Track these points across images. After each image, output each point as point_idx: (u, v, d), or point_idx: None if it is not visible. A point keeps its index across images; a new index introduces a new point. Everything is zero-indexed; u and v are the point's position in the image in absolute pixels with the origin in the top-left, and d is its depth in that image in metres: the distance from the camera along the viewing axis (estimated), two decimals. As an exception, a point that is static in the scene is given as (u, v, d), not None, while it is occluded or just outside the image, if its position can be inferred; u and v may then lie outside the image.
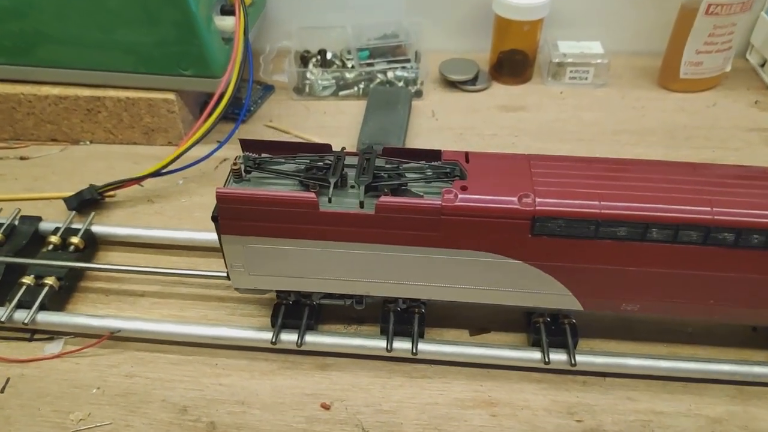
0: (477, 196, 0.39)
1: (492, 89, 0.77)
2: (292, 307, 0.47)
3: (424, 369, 0.47)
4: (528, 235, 0.40)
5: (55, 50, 0.62)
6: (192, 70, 0.61)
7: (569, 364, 0.44)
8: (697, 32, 0.70)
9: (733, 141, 0.68)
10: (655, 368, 0.45)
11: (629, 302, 0.43)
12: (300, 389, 0.45)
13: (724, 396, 0.45)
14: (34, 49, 0.61)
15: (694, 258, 0.40)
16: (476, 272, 0.42)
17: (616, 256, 0.40)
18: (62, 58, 0.62)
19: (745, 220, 0.38)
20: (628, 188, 0.40)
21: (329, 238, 0.41)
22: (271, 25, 0.80)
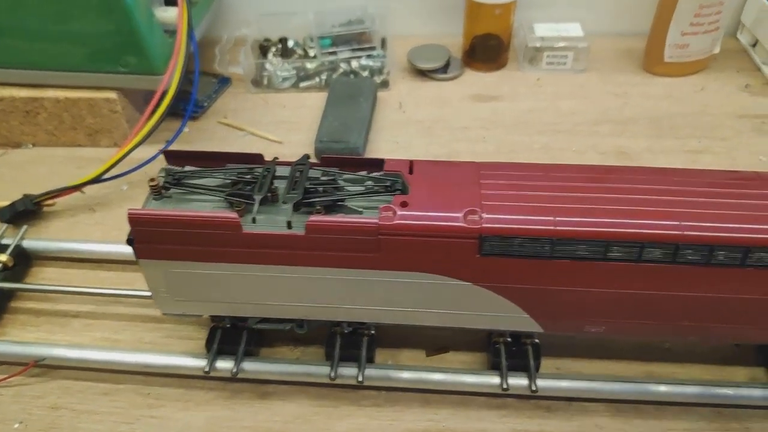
0: (418, 212, 0.35)
1: (465, 77, 0.72)
2: (229, 332, 0.43)
3: (375, 396, 0.43)
4: (476, 255, 0.35)
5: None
6: (132, 67, 0.56)
7: (531, 390, 0.40)
8: (681, 12, 0.65)
9: (721, 129, 0.63)
10: (625, 392, 0.41)
11: (593, 324, 0.39)
12: (237, 421, 0.42)
13: (701, 420, 0.41)
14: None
15: (662, 277, 0.35)
16: (421, 295, 0.37)
17: (576, 276, 0.36)
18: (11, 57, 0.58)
19: (716, 236, 0.34)
20: (588, 201, 0.35)
21: (256, 261, 0.37)
22: (228, 13, 0.75)
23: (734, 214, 0.34)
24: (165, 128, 0.59)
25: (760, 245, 0.34)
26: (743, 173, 0.38)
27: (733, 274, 0.35)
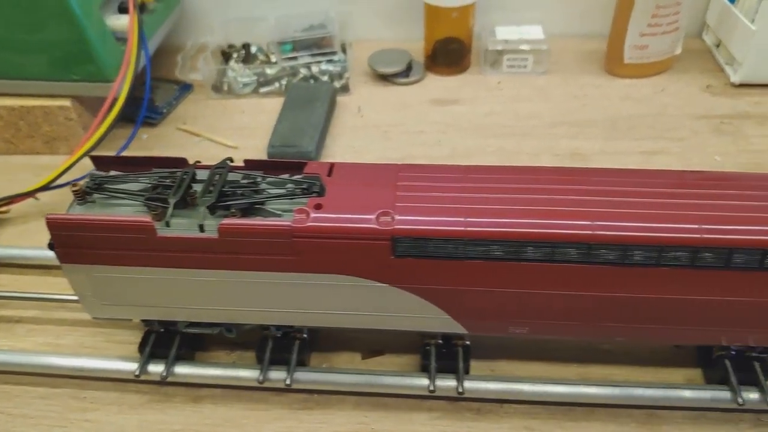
0: (331, 215, 0.35)
1: (426, 81, 0.72)
2: (162, 336, 0.43)
3: (306, 399, 0.43)
4: (390, 257, 0.35)
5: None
6: (84, 75, 0.57)
7: (457, 392, 0.40)
8: (638, 13, 0.65)
9: (679, 130, 0.63)
10: (555, 394, 0.41)
11: (516, 325, 0.39)
12: (168, 425, 0.42)
13: (632, 422, 0.41)
14: None
15: (577, 277, 0.35)
16: (341, 297, 0.37)
17: (491, 276, 0.36)
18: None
19: (629, 235, 0.34)
20: (503, 202, 0.35)
21: (173, 265, 0.37)
22: (193, 19, 0.76)
23: (649, 213, 0.34)
24: (124, 135, 0.60)
25: (673, 244, 0.34)
26: (666, 172, 0.38)
27: (647, 273, 0.35)
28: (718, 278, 0.35)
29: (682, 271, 0.34)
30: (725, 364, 0.41)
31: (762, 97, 0.67)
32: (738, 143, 0.61)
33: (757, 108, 0.66)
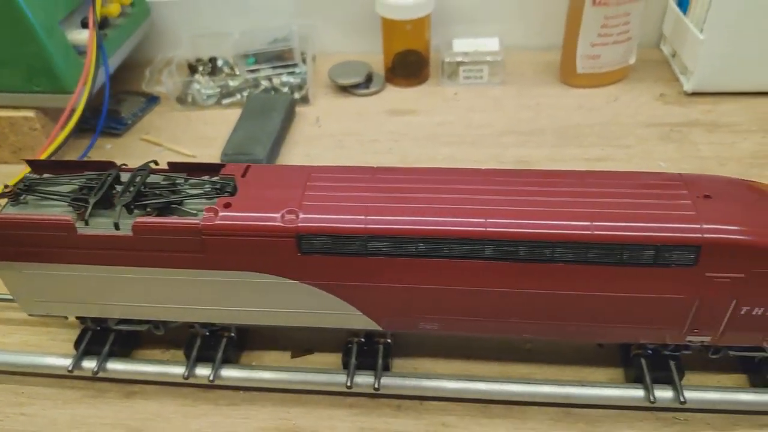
0: (239, 213, 0.37)
1: (385, 92, 0.74)
2: (98, 333, 0.45)
3: (233, 396, 0.44)
4: (296, 254, 0.37)
5: None
6: (45, 87, 0.60)
7: (374, 388, 0.41)
8: (588, 25, 0.66)
9: (627, 138, 0.64)
10: (472, 391, 0.42)
11: (426, 321, 0.40)
12: (99, 419, 0.43)
13: (548, 419, 0.42)
14: None
15: (469, 273, 0.36)
16: (253, 294, 0.39)
17: (393, 273, 0.37)
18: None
19: (516, 231, 0.35)
20: (404, 200, 0.37)
21: (93, 262, 0.39)
22: (162, 34, 0.78)
23: (540, 210, 0.35)
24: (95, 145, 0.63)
25: (563, 240, 0.35)
26: (568, 172, 0.39)
27: (538, 269, 0.36)
28: (609, 274, 0.36)
29: (574, 267, 0.36)
30: (641, 362, 0.41)
31: (713, 105, 0.68)
32: (684, 150, 0.62)
33: (708, 116, 0.66)
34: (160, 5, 0.77)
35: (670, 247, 0.34)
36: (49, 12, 0.58)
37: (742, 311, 0.37)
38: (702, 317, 0.37)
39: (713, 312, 0.37)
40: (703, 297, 0.36)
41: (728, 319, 0.37)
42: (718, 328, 0.38)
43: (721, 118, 0.66)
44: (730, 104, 0.68)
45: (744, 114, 0.66)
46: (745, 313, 0.37)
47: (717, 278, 0.35)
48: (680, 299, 0.36)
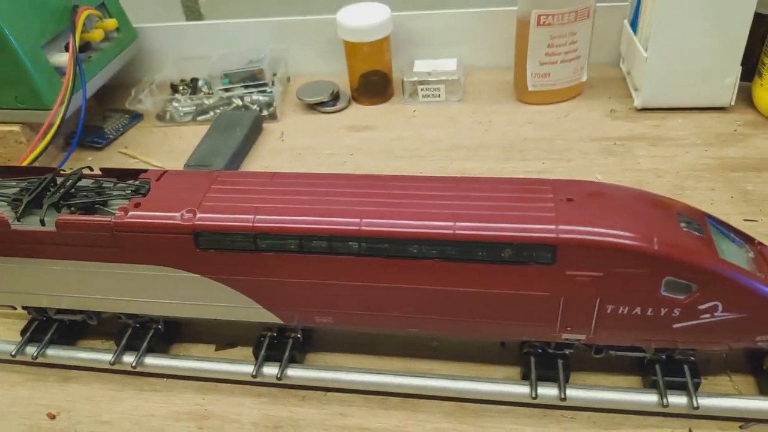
0: (145, 212, 0.41)
1: (350, 110, 0.78)
2: (44, 323, 0.50)
3: (157, 383, 0.48)
4: (195, 249, 0.41)
5: None
6: (27, 104, 0.66)
7: (276, 378, 0.45)
8: (535, 44, 0.69)
9: (569, 152, 0.66)
10: (369, 383, 0.44)
11: (320, 315, 0.43)
12: (36, 399, 0.48)
13: (440, 413, 0.44)
14: None
15: (353, 269, 0.39)
16: (162, 286, 0.43)
17: (283, 268, 0.40)
18: None
19: (383, 230, 0.38)
20: (293, 202, 0.40)
21: (26, 255, 0.43)
22: (149, 57, 0.84)
23: (409, 211, 0.38)
24: (75, 157, 0.69)
25: (430, 239, 0.38)
26: (448, 178, 0.42)
27: (411, 266, 0.39)
28: (477, 271, 0.38)
29: (444, 264, 0.38)
30: (530, 360, 0.43)
31: (661, 120, 0.69)
32: (624, 163, 0.64)
33: (654, 130, 0.68)
34: (149, 30, 0.83)
35: (527, 245, 0.37)
36: (31, 37, 0.64)
37: (608, 310, 0.38)
38: (571, 315, 0.39)
39: (580, 310, 0.39)
40: (568, 295, 0.38)
41: (597, 317, 0.39)
42: (589, 326, 0.40)
43: (667, 133, 0.67)
44: (678, 119, 0.69)
45: (689, 128, 0.68)
46: (611, 312, 0.39)
47: (577, 276, 0.37)
48: (546, 296, 0.39)
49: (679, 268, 0.36)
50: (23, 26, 0.63)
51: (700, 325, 0.38)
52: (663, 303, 0.38)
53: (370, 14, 0.72)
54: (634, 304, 0.38)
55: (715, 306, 0.38)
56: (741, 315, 0.38)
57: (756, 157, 0.63)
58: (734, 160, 0.63)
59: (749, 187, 0.60)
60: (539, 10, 0.66)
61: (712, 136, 0.66)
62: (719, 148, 0.65)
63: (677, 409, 0.41)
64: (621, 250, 0.36)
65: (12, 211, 0.43)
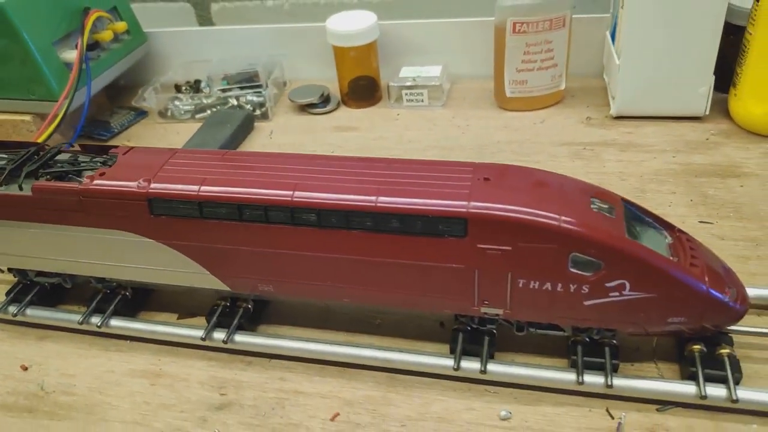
0: (107, 180, 0.45)
1: (338, 112, 0.82)
2: (27, 285, 0.55)
3: (121, 344, 0.52)
4: (150, 215, 0.45)
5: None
6: (39, 95, 0.72)
7: (223, 342, 0.48)
8: (511, 51, 0.72)
9: (539, 154, 0.68)
10: (307, 350, 0.47)
11: (262, 283, 0.46)
12: (13, 353, 0.52)
13: (372, 382, 0.47)
14: None
15: (286, 237, 0.43)
16: (121, 250, 0.47)
17: (225, 235, 0.44)
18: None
19: (313, 201, 0.41)
20: (237, 175, 0.44)
21: (5, 217, 0.48)
22: (159, 59, 0.91)
23: (339, 185, 0.42)
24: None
25: (354, 210, 0.41)
26: (382, 159, 0.45)
27: (336, 236, 0.42)
28: (398, 243, 0.41)
29: (369, 235, 0.41)
30: (458, 336, 0.46)
31: (635, 128, 0.71)
32: (590, 166, 0.66)
33: (625, 137, 0.70)
34: (159, 35, 0.89)
35: (442, 218, 0.40)
36: (44, 35, 0.71)
37: (520, 284, 0.41)
38: (486, 288, 0.42)
39: (494, 283, 0.41)
40: (481, 268, 0.41)
41: (510, 292, 0.41)
42: (504, 300, 0.42)
43: (638, 139, 0.69)
44: (652, 127, 0.70)
45: (661, 136, 0.69)
46: (523, 286, 0.41)
47: (488, 250, 0.40)
48: (462, 269, 0.41)
49: (583, 245, 0.38)
50: (37, 24, 0.70)
51: (610, 304, 0.40)
52: (571, 279, 0.40)
53: (357, 21, 0.76)
54: (544, 279, 0.40)
55: (622, 284, 0.39)
56: (650, 295, 0.39)
57: (723, 164, 0.64)
58: (700, 166, 0.64)
59: (711, 191, 0.61)
60: (514, 18, 0.69)
61: (682, 144, 0.67)
62: (687, 155, 0.66)
63: (595, 388, 0.43)
64: (527, 225, 0.39)
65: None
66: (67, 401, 0.48)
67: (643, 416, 0.42)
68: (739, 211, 0.58)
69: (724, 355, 0.42)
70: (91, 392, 0.48)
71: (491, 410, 0.44)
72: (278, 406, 0.45)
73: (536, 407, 0.44)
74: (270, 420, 0.45)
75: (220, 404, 0.46)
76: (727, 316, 0.41)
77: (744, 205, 0.58)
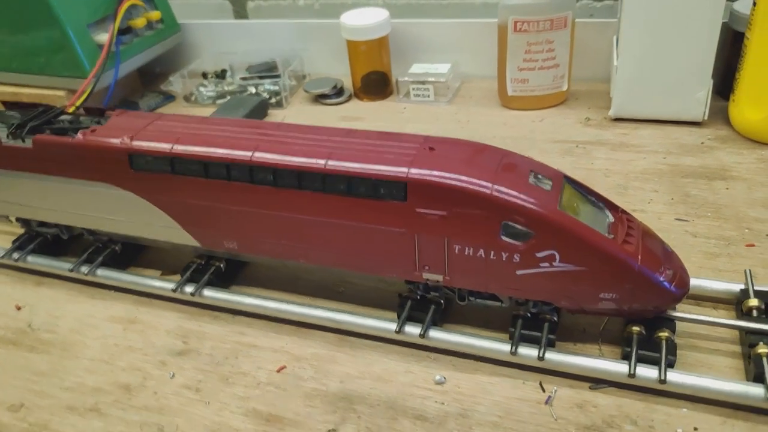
0: (96, 136, 0.50)
1: (349, 104, 0.85)
2: (31, 236, 0.60)
3: (106, 294, 0.56)
4: (130, 169, 0.49)
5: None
6: (71, 73, 0.79)
7: (190, 294, 0.51)
8: (513, 50, 0.73)
9: (531, 150, 0.69)
10: (264, 307, 0.50)
11: (227, 239, 0.49)
12: (11, 295, 0.57)
13: (323, 341, 0.49)
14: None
15: (246, 194, 0.46)
16: (107, 202, 0.51)
17: (195, 191, 0.48)
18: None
19: (269, 160, 0.44)
20: (209, 137, 0.47)
21: (11, 167, 0.53)
22: (192, 49, 0.97)
23: (295, 149, 0.44)
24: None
25: (306, 171, 0.43)
26: (339, 129, 0.47)
27: (291, 195, 0.44)
28: (346, 204, 0.43)
29: (320, 195, 0.44)
30: (406, 303, 0.47)
31: (632, 130, 0.71)
32: (578, 162, 0.66)
33: (620, 138, 0.69)
34: (192, 26, 0.95)
35: (383, 182, 0.42)
36: (80, 17, 0.77)
37: (456, 250, 0.42)
38: (426, 253, 0.43)
39: (433, 248, 0.43)
40: (420, 232, 0.42)
41: (448, 257, 0.43)
42: (443, 266, 0.43)
43: (632, 140, 0.69)
44: (649, 130, 0.70)
45: (656, 138, 0.69)
46: (459, 252, 0.42)
47: (426, 215, 0.42)
48: (404, 233, 0.43)
49: (514, 213, 0.40)
50: (74, 7, 0.77)
51: (541, 274, 0.41)
52: (503, 248, 0.41)
53: (369, 16, 0.79)
54: (477, 245, 0.41)
55: (552, 255, 0.40)
56: (580, 268, 0.40)
57: (712, 167, 0.63)
58: (689, 168, 0.63)
59: (694, 192, 0.60)
60: (515, 17, 0.71)
61: (676, 147, 0.67)
62: (677, 157, 0.65)
63: (528, 361, 0.44)
64: (461, 192, 0.40)
65: (6, 132, 0.54)
66: (49, 338, 0.52)
67: (575, 392, 0.43)
68: (718, 211, 0.57)
69: (662, 338, 0.42)
70: (70, 332, 0.52)
71: (428, 374, 0.45)
72: (232, 356, 0.48)
73: (472, 375, 0.45)
74: (221, 368, 0.48)
75: (180, 351, 0.49)
76: (661, 297, 0.41)
77: (724, 207, 0.57)
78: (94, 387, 0.47)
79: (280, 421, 0.43)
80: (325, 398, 0.44)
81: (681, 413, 0.41)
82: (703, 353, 0.44)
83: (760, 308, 0.44)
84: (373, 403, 0.44)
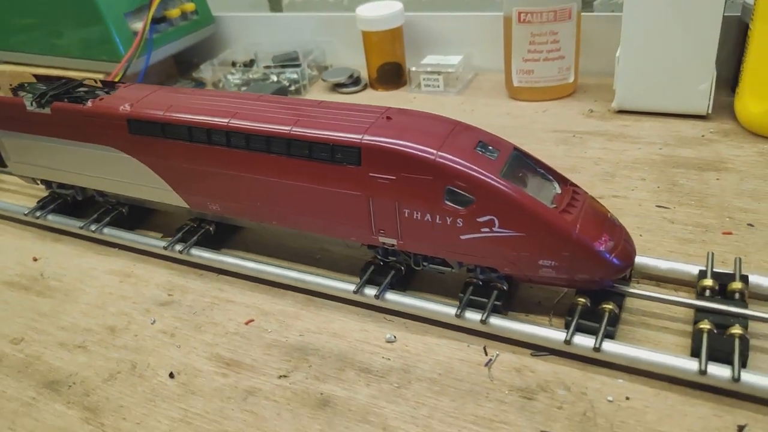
0: (103, 104, 0.55)
1: (364, 93, 0.88)
2: (54, 197, 0.66)
3: (110, 251, 0.61)
4: (128, 134, 0.54)
5: (22, 38, 0.90)
6: (109, 57, 0.86)
7: (179, 252, 0.56)
8: (517, 41, 0.74)
9: (527, 138, 0.70)
10: (243, 267, 0.54)
11: (211, 201, 0.53)
12: (30, 248, 0.63)
13: (291, 300, 0.52)
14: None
15: (224, 158, 0.50)
16: (111, 164, 0.56)
17: (181, 154, 0.52)
18: (27, 45, 0.92)
19: (242, 126, 0.48)
20: (197, 105, 0.52)
21: (35, 132, 0.60)
22: (225, 40, 1.03)
23: (268, 117, 0.48)
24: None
25: (273, 136, 0.47)
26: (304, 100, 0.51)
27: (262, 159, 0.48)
28: (308, 168, 0.46)
29: (288, 159, 0.47)
30: (368, 268, 0.50)
31: (633, 122, 0.70)
32: (572, 151, 0.67)
33: (619, 129, 0.69)
34: (226, 18, 1.02)
35: (340, 147, 0.45)
36: (117, 6, 0.84)
37: (406, 214, 0.44)
38: (380, 217, 0.46)
39: (385, 212, 0.45)
40: (374, 196, 0.45)
41: (399, 221, 0.45)
42: (396, 230, 0.46)
43: (632, 132, 0.69)
44: (651, 122, 0.70)
45: (656, 130, 0.68)
46: (408, 216, 0.44)
47: (378, 179, 0.44)
48: (359, 196, 0.45)
49: (456, 179, 0.42)
50: (113, -2, 0.84)
51: (482, 239, 0.43)
52: (447, 212, 0.43)
53: (382, 8, 0.82)
54: (424, 210, 0.44)
55: (491, 220, 0.42)
56: (518, 233, 0.42)
57: (708, 159, 0.62)
58: (683, 159, 0.63)
59: (682, 181, 0.60)
60: (519, 8, 0.72)
61: (675, 139, 0.66)
62: (674, 148, 0.65)
63: (473, 325, 0.45)
64: (407, 157, 0.43)
65: (31, 100, 0.60)
66: (55, 285, 0.58)
67: (517, 358, 0.44)
68: (702, 201, 0.57)
69: (606, 309, 0.43)
70: (74, 281, 0.58)
71: (381, 333, 0.47)
72: (208, 309, 0.52)
73: (421, 336, 0.47)
74: (197, 318, 0.51)
75: (164, 302, 0.54)
76: (601, 267, 0.42)
77: (710, 197, 0.57)
78: (85, 328, 0.52)
79: (238, 366, 0.46)
80: (282, 349, 0.47)
81: (616, 383, 0.41)
82: (653, 330, 0.45)
83: (714, 288, 0.44)
84: (325, 355, 0.46)
